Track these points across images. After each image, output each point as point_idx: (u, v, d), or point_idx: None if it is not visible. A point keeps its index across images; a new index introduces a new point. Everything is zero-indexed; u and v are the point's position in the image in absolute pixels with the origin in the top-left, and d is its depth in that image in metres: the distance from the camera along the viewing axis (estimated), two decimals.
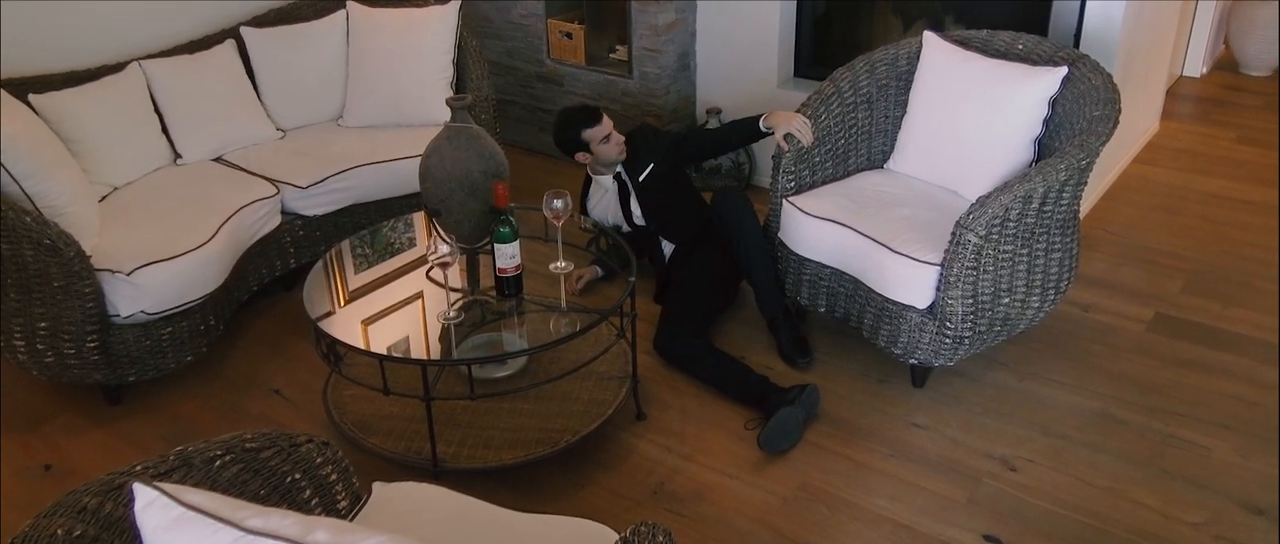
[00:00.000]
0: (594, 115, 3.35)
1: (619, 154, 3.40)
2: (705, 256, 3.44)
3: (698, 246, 3.49)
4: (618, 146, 3.39)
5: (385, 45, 3.96)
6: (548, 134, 4.83)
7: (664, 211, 3.50)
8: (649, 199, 3.48)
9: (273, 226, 3.51)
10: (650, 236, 3.55)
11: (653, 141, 3.49)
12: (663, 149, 3.47)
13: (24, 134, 2.97)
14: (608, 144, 3.38)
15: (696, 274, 3.41)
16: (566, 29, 4.55)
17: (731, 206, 3.32)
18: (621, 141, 3.40)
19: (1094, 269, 3.78)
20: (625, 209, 3.52)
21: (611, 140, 3.38)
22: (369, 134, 3.90)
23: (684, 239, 3.52)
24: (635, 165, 3.46)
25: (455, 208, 2.85)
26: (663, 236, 3.54)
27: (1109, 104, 3.00)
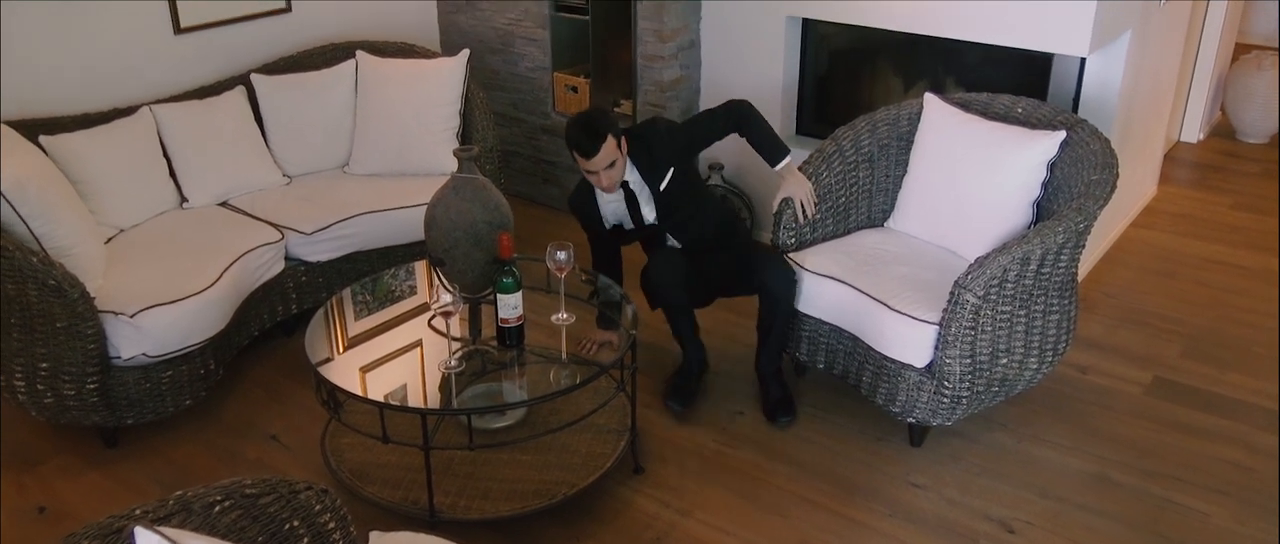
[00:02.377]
0: (588, 144, 2.98)
1: (609, 188, 3.11)
2: (725, 262, 3.31)
3: (714, 250, 3.33)
4: (609, 182, 3.08)
5: (393, 95, 4.01)
6: (552, 186, 4.88)
7: (680, 214, 3.26)
8: (667, 204, 3.23)
9: (276, 272, 3.53)
10: (656, 233, 3.32)
11: (669, 141, 3.19)
12: (680, 149, 3.21)
13: (32, 175, 3.01)
14: (592, 178, 3.09)
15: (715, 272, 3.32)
16: (572, 83, 4.62)
17: (783, 281, 3.15)
18: (616, 178, 3.08)
19: (1092, 331, 3.79)
20: (633, 211, 3.25)
21: (602, 177, 3.05)
22: (374, 182, 3.94)
23: (698, 243, 3.32)
24: (653, 172, 3.18)
25: (460, 257, 2.87)
26: (673, 236, 3.31)
27: (1107, 168, 3.04)
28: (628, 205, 3.21)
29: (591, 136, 2.97)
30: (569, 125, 3.00)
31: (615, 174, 3.06)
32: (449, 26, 4.95)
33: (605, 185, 3.07)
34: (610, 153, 2.99)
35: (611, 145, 2.99)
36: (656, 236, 3.32)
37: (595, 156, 2.97)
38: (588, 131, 2.97)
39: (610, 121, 3.02)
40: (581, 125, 2.99)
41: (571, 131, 2.99)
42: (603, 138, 2.96)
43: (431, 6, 4.94)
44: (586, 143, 2.96)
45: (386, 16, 4.70)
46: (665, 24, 4.21)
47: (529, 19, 4.63)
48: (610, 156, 3.00)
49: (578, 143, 2.98)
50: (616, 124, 3.04)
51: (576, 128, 2.98)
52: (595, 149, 2.97)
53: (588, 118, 3.01)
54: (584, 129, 2.98)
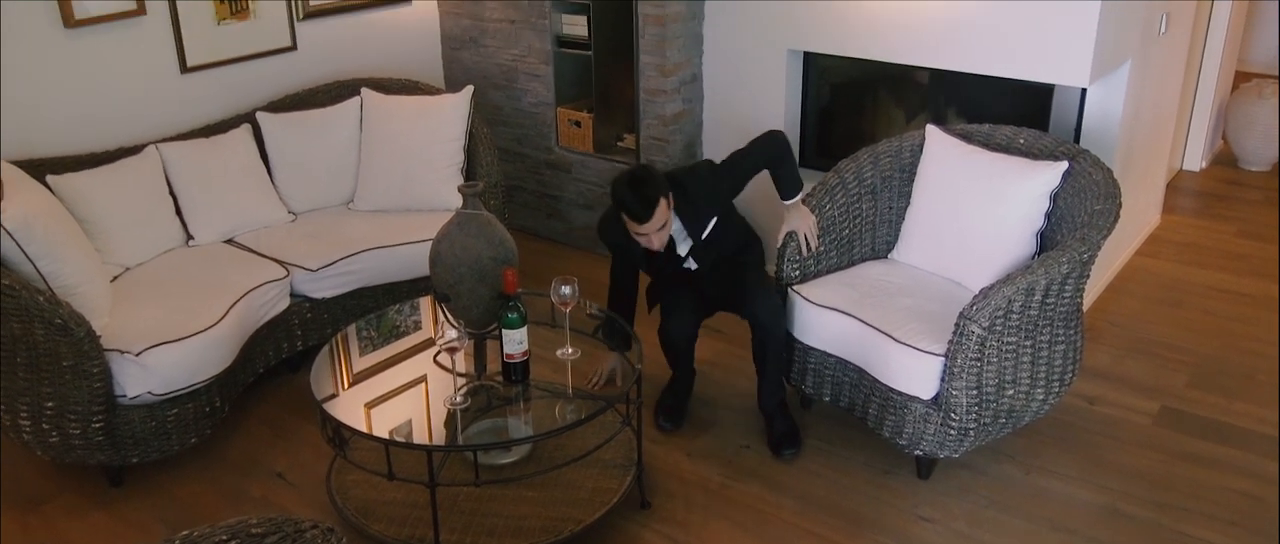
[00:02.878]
0: (642, 211, 2.91)
1: (659, 247, 3.07)
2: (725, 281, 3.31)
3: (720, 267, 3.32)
4: (660, 243, 3.04)
5: (398, 131, 4.03)
6: (557, 220, 4.90)
7: (712, 249, 3.25)
8: (708, 250, 3.23)
9: (281, 309, 3.53)
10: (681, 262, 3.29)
11: (712, 189, 3.15)
12: (724, 196, 3.19)
13: (39, 213, 3.02)
14: (642, 240, 3.04)
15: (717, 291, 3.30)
16: (576, 117, 4.64)
17: (769, 311, 3.16)
18: (666, 237, 3.06)
19: (1099, 361, 3.78)
20: (669, 251, 3.20)
21: (653, 240, 3.01)
22: (379, 218, 3.95)
23: (715, 264, 3.30)
24: (696, 222, 3.15)
25: (465, 293, 2.88)
26: (696, 261, 3.28)
27: (1110, 198, 3.05)
28: (669, 245, 3.18)
29: (644, 204, 2.91)
30: (619, 187, 2.94)
31: (665, 234, 3.04)
32: (453, 63, 4.99)
33: (655, 246, 3.03)
34: (662, 216, 2.95)
35: (663, 208, 2.95)
36: (673, 263, 3.28)
37: (648, 223, 2.94)
38: (641, 199, 2.91)
39: (659, 183, 2.95)
40: (633, 190, 2.91)
41: (623, 196, 2.93)
42: (655, 204, 2.92)
43: (436, 43, 4.98)
44: (640, 210, 2.91)
45: (391, 54, 4.74)
46: (667, 58, 4.24)
47: (532, 55, 4.66)
48: (662, 219, 2.96)
49: (631, 209, 2.93)
50: (665, 183, 2.98)
51: (629, 192, 2.91)
52: (648, 216, 2.93)
53: (638, 182, 2.92)
54: (637, 196, 2.91)
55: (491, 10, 4.72)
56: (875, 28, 3.87)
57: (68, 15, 3.57)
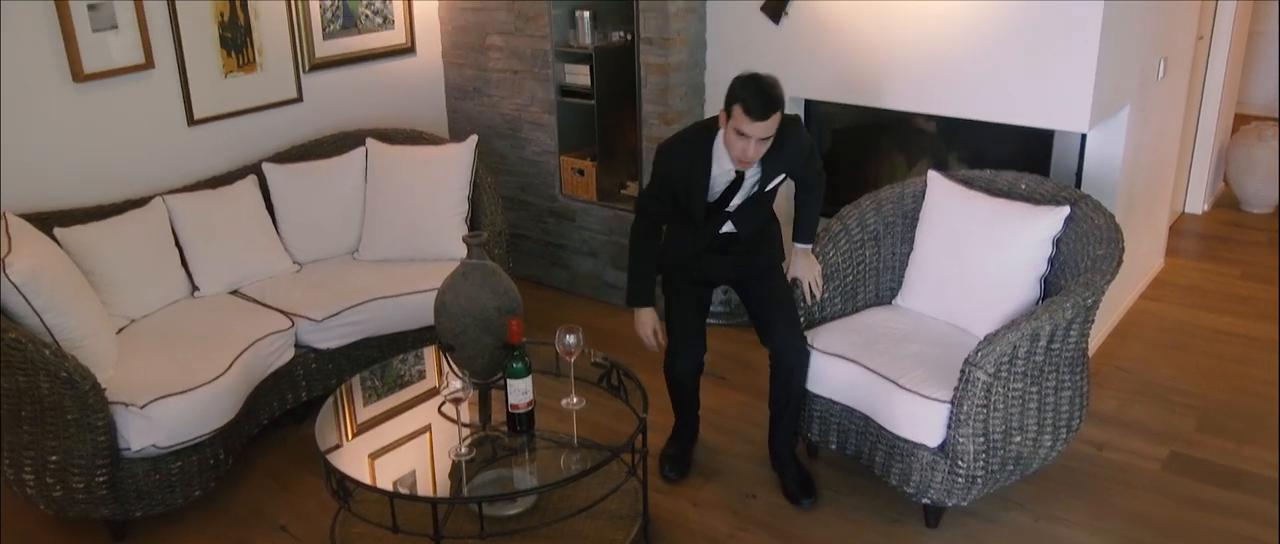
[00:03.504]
0: (762, 107, 2.78)
1: (746, 162, 2.92)
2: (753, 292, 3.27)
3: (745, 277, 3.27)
4: (754, 155, 2.89)
5: (403, 182, 4.06)
6: (561, 268, 4.91)
7: (755, 210, 3.17)
8: (757, 199, 3.12)
9: (286, 360, 3.53)
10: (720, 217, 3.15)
11: (798, 150, 3.07)
12: (799, 163, 3.12)
13: (46, 267, 3.03)
14: (739, 143, 2.86)
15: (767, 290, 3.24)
16: (579, 166, 4.67)
17: (796, 352, 3.14)
18: (758, 156, 2.92)
19: (1106, 406, 3.76)
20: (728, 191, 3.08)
21: (750, 147, 2.86)
22: (384, 268, 3.96)
23: (741, 238, 3.19)
24: (772, 167, 3.04)
25: (469, 343, 2.88)
26: (733, 223, 3.16)
27: (1112, 243, 3.06)
28: (731, 186, 3.05)
29: (769, 102, 2.79)
30: (745, 82, 2.82)
31: (762, 150, 2.90)
32: (457, 113, 5.03)
33: (749, 156, 2.88)
34: (773, 125, 2.83)
35: (776, 120, 2.84)
36: (713, 218, 3.15)
37: (763, 122, 2.80)
38: (767, 96, 2.79)
39: (783, 98, 2.85)
40: (762, 88, 2.80)
41: (746, 89, 2.80)
42: (778, 107, 2.81)
43: (440, 94, 5.03)
44: (763, 104, 2.78)
45: (396, 104, 4.79)
46: (670, 107, 4.28)
47: (536, 104, 4.71)
48: (770, 130, 2.84)
49: (753, 100, 2.78)
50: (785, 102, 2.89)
51: (754, 88, 2.79)
52: (767, 114, 2.80)
53: (769, 83, 2.82)
54: (764, 92, 2.79)
55: (495, 61, 4.77)
56: (876, 76, 3.91)
57: (77, 69, 3.61)
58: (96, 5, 3.62)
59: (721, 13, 4.27)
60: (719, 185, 3.07)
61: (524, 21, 4.60)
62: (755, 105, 2.79)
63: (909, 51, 3.79)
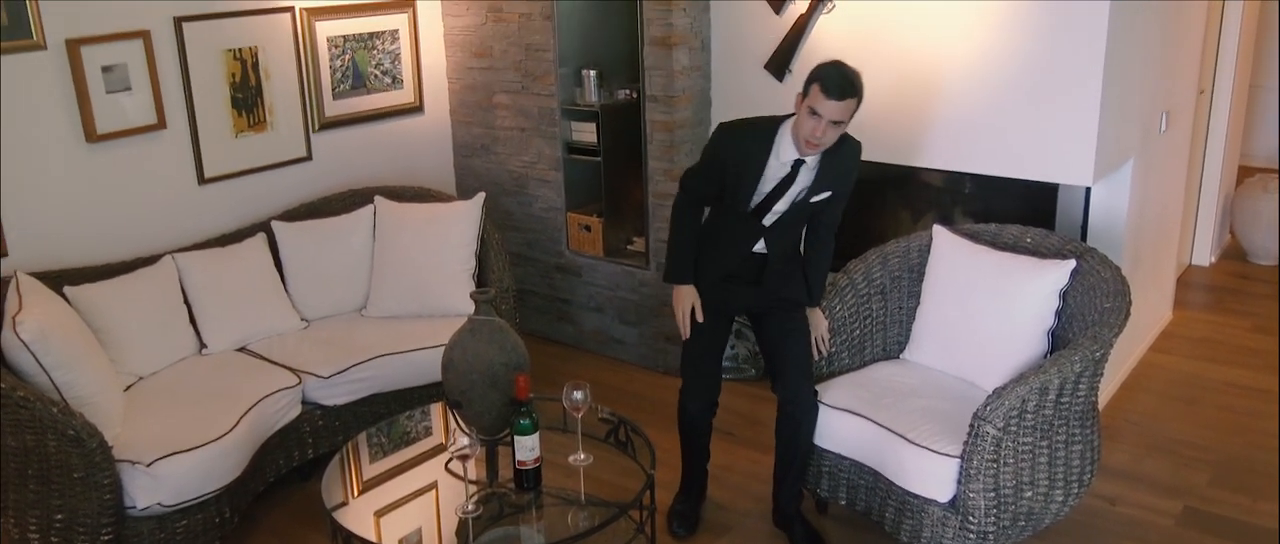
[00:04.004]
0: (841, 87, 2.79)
1: (806, 144, 2.89)
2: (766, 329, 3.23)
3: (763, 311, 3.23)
4: (823, 137, 2.85)
5: (410, 239, 4.08)
6: (567, 323, 4.91)
7: (789, 230, 3.13)
8: (796, 213, 3.08)
9: (293, 416, 3.53)
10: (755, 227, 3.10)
11: (851, 168, 3.07)
12: (844, 185, 3.09)
13: (56, 325, 3.05)
14: (811, 122, 2.84)
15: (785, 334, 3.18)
16: (585, 222, 4.70)
17: (807, 409, 3.14)
18: (827, 141, 2.89)
19: (1118, 460, 3.73)
20: (776, 190, 3.02)
21: (820, 128, 2.83)
22: (392, 324, 3.97)
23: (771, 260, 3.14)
24: (822, 178, 3.02)
25: (477, 399, 2.87)
26: (767, 240, 3.11)
27: (1119, 296, 3.06)
28: (782, 183, 3.00)
29: (847, 85, 2.80)
30: (827, 64, 2.85)
31: (831, 136, 2.88)
32: (465, 170, 5.08)
33: (818, 137, 2.84)
34: (848, 110, 2.83)
35: (851, 108, 2.84)
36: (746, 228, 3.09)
37: (839, 102, 2.79)
38: (847, 78, 2.81)
39: (862, 89, 2.86)
40: (843, 71, 2.82)
41: (827, 69, 2.82)
42: (855, 95, 2.82)
43: (448, 151, 5.08)
44: (838, 86, 2.79)
45: (404, 162, 4.83)
46: (675, 163, 4.31)
47: (542, 162, 4.75)
48: (846, 114, 2.84)
49: (829, 81, 2.79)
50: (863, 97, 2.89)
51: (835, 69, 2.82)
52: (845, 94, 2.80)
53: (851, 69, 2.85)
54: (844, 73, 2.82)
55: (502, 119, 4.82)
56: (880, 132, 3.94)
57: (90, 130, 3.66)
58: (111, 67, 3.68)
59: (726, 71, 4.32)
60: (771, 178, 3.01)
61: (531, 80, 4.66)
62: (833, 84, 2.79)
63: (913, 107, 3.83)
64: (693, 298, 3.17)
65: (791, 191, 3.02)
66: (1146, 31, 3.81)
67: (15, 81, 3.45)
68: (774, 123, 3.01)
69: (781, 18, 4.07)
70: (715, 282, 3.19)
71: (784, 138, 2.98)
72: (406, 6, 4.70)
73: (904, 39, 3.80)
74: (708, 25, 4.31)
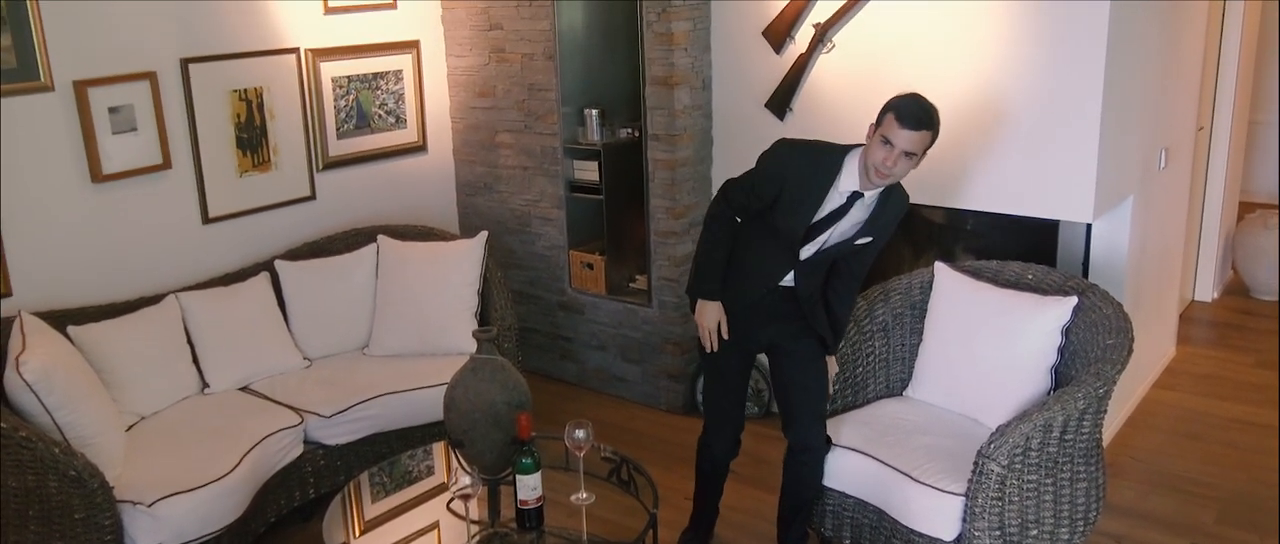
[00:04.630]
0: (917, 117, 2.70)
1: (875, 173, 2.78)
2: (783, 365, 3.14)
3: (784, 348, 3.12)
4: (893, 167, 2.75)
5: (413, 277, 4.10)
6: (570, 361, 4.91)
7: (817, 274, 3.03)
8: (822, 261, 2.99)
9: (295, 456, 3.52)
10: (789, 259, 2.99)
11: (896, 215, 2.97)
12: (886, 232, 2.99)
13: (58, 366, 3.06)
14: (882, 151, 2.74)
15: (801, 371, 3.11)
16: (588, 260, 4.71)
17: (817, 454, 3.12)
18: (898, 174, 2.79)
19: (1124, 498, 3.71)
20: (824, 223, 2.91)
21: (891, 158, 2.73)
22: (394, 363, 3.97)
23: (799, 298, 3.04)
24: (872, 220, 2.92)
25: (479, 438, 2.87)
26: (798, 276, 3.01)
27: (1121, 333, 3.05)
28: (833, 214, 2.90)
29: (924, 115, 2.72)
30: (905, 94, 2.77)
31: (903, 169, 2.77)
32: (468, 208, 5.10)
33: (888, 166, 2.74)
34: (922, 143, 2.74)
35: (926, 141, 2.75)
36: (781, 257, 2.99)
37: (914, 132, 2.70)
38: (924, 108, 2.73)
39: (939, 124, 2.78)
40: (921, 102, 2.74)
41: (904, 99, 2.74)
42: (930, 127, 2.73)
43: (451, 190, 5.10)
44: (913, 117, 2.70)
45: (408, 201, 4.86)
46: (677, 201, 4.33)
47: (545, 200, 4.77)
48: (920, 146, 2.74)
49: (904, 110, 2.71)
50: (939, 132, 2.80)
51: (913, 99, 2.74)
52: (920, 125, 2.70)
53: (929, 103, 2.76)
54: (922, 104, 2.73)
55: (505, 158, 4.85)
56: None
57: (96, 170, 3.68)
58: (117, 108, 3.71)
59: (727, 110, 4.35)
60: (825, 208, 2.89)
61: (534, 120, 4.69)
62: (908, 113, 2.70)
63: None
64: (719, 314, 3.05)
65: (840, 226, 2.91)
66: (1144, 68, 3.84)
67: (22, 123, 3.49)
68: (840, 151, 2.90)
69: (782, 57, 4.10)
70: (737, 312, 3.08)
71: (848, 168, 2.86)
72: (410, 48, 4.74)
73: (903, 78, 3.82)
74: (709, 65, 4.35)
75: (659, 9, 4.14)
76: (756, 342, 3.17)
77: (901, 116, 2.70)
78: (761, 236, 3.01)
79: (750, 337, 3.13)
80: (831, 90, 4.00)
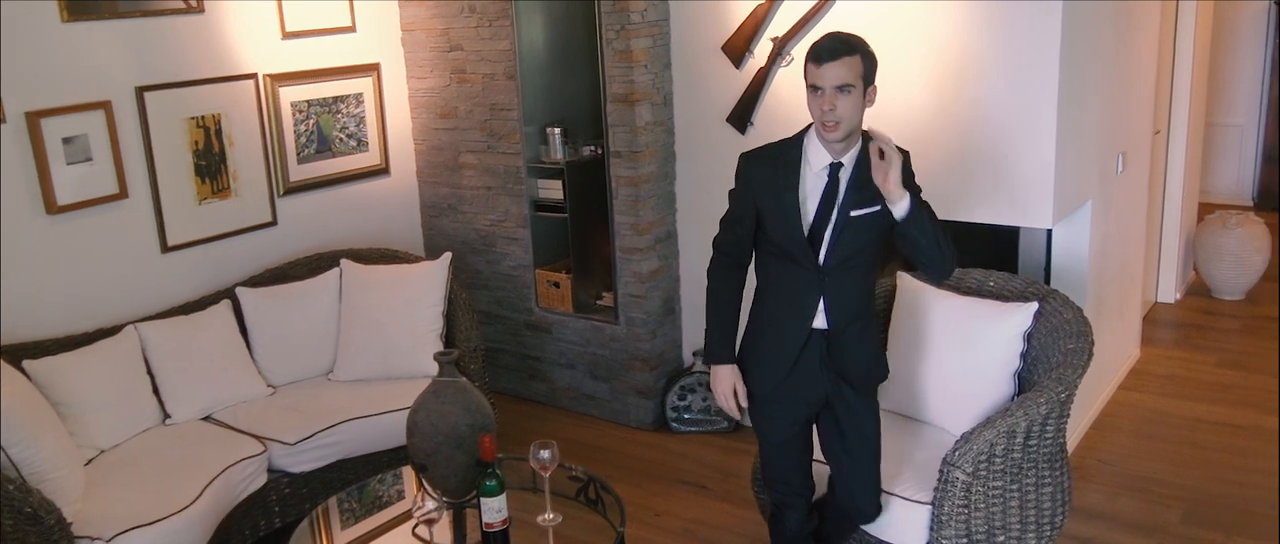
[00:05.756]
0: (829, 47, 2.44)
1: (822, 127, 2.50)
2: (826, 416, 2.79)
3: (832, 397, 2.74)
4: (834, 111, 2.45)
5: (377, 301, 4.07)
6: (538, 381, 4.89)
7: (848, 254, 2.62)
8: (853, 234, 2.60)
9: (259, 485, 3.47)
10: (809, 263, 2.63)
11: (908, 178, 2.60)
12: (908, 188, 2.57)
13: (16, 402, 3.00)
14: (816, 100, 2.48)
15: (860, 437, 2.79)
16: (554, 278, 4.70)
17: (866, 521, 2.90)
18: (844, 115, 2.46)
19: (1091, 501, 3.73)
20: (822, 208, 2.60)
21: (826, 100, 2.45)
22: (359, 387, 3.94)
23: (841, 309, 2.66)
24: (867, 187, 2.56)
25: (442, 462, 2.85)
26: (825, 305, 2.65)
27: (1082, 337, 3.08)
28: (825, 199, 2.58)
29: (838, 43, 2.44)
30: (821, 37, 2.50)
31: (845, 108, 2.45)
32: (432, 230, 5.08)
33: (829, 115, 2.45)
34: (850, 72, 2.43)
35: (855, 66, 2.44)
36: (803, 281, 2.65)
37: (833, 65, 2.42)
38: (837, 36, 2.46)
39: (866, 46, 2.48)
40: (834, 34, 2.48)
41: (819, 39, 2.48)
42: (850, 52, 2.44)
43: (415, 212, 5.08)
44: (829, 48, 2.43)
45: (371, 224, 4.83)
46: (641, 217, 4.33)
47: (510, 220, 4.76)
48: (846, 76, 2.43)
49: (819, 47, 2.45)
50: (874, 56, 2.50)
51: (827, 35, 2.48)
52: (835, 55, 2.42)
53: (844, 33, 2.50)
54: (835, 36, 2.47)
55: (469, 178, 4.84)
56: None
57: (51, 202, 3.64)
58: (71, 138, 3.67)
59: (688, 125, 4.36)
60: (812, 195, 2.60)
61: (496, 140, 4.69)
62: (821, 48, 2.44)
63: None
64: (734, 378, 2.73)
65: (843, 208, 2.59)
66: (1099, 74, 3.88)
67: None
68: (798, 134, 2.67)
69: (741, 72, 4.12)
70: (778, 373, 2.71)
71: (811, 144, 2.61)
72: (370, 71, 4.73)
73: None
74: (670, 81, 4.36)
75: (618, 26, 4.15)
76: (813, 397, 2.75)
77: (816, 56, 2.46)
78: (777, 266, 2.70)
79: (800, 395, 2.74)
80: (791, 103, 4.02)
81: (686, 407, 4.50)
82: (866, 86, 2.49)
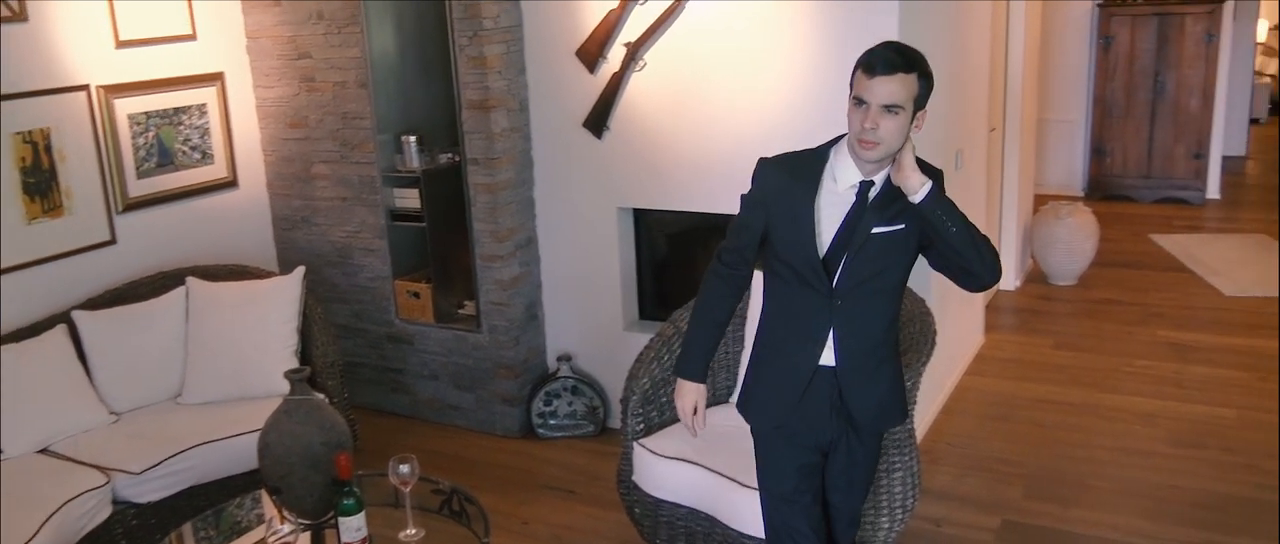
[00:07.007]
0: (884, 60, 2.19)
1: (860, 144, 2.26)
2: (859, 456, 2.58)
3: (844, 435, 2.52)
4: (876, 130, 2.21)
5: (226, 319, 3.92)
6: (401, 393, 4.80)
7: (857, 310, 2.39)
8: (863, 281, 2.36)
9: (102, 518, 3.30)
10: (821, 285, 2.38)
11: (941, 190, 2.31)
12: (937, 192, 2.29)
13: None
14: (858, 114, 2.23)
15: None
16: (414, 288, 4.63)
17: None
18: (886, 137, 2.22)
19: (940, 482, 3.90)
20: (845, 230, 2.35)
21: (871, 118, 2.20)
22: (210, 410, 3.79)
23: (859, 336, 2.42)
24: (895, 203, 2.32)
25: (297, 483, 2.77)
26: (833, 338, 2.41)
27: (924, 326, 3.22)
28: (848, 220, 2.34)
29: (895, 57, 2.19)
30: (877, 45, 2.26)
31: (889, 129, 2.21)
32: (286, 243, 4.93)
33: (869, 128, 2.21)
34: (902, 91, 2.20)
35: (909, 86, 2.20)
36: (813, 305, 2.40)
37: (886, 80, 2.18)
38: (896, 49, 2.22)
39: (925, 65, 2.25)
40: (888, 43, 2.26)
41: (875, 47, 2.24)
42: (908, 69, 2.20)
43: (267, 225, 4.92)
44: (885, 60, 2.19)
45: (221, 240, 4.65)
46: (500, 224, 4.31)
47: (366, 230, 4.66)
48: (898, 96, 2.19)
49: (872, 56, 2.21)
50: (932, 77, 2.27)
51: (884, 45, 2.24)
52: (893, 68, 2.18)
53: (903, 46, 2.25)
54: (889, 45, 2.24)
55: (322, 189, 4.72)
56: (696, 182, 4.06)
57: None
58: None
59: (545, 131, 4.36)
60: (831, 212, 2.36)
61: (349, 149, 4.58)
62: (876, 59, 2.20)
63: (723, 157, 3.96)
64: (697, 396, 2.59)
65: (866, 230, 2.33)
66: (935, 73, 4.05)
67: None
68: (825, 144, 2.44)
69: (596, 77, 4.15)
70: (785, 409, 2.50)
71: (840, 157, 2.36)
72: (214, 80, 4.56)
73: (716, 92, 3.94)
74: (525, 87, 4.35)
75: (471, 32, 4.12)
76: (821, 439, 2.53)
77: (868, 65, 2.21)
78: (785, 289, 2.47)
79: (806, 435, 2.53)
80: (647, 108, 4.08)
81: (552, 412, 4.50)
82: (917, 110, 2.25)
